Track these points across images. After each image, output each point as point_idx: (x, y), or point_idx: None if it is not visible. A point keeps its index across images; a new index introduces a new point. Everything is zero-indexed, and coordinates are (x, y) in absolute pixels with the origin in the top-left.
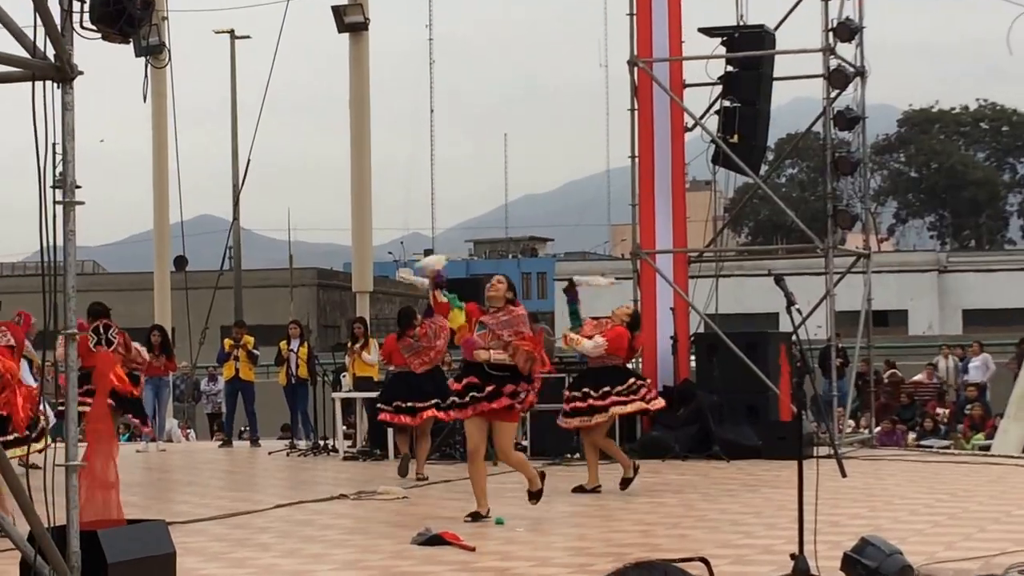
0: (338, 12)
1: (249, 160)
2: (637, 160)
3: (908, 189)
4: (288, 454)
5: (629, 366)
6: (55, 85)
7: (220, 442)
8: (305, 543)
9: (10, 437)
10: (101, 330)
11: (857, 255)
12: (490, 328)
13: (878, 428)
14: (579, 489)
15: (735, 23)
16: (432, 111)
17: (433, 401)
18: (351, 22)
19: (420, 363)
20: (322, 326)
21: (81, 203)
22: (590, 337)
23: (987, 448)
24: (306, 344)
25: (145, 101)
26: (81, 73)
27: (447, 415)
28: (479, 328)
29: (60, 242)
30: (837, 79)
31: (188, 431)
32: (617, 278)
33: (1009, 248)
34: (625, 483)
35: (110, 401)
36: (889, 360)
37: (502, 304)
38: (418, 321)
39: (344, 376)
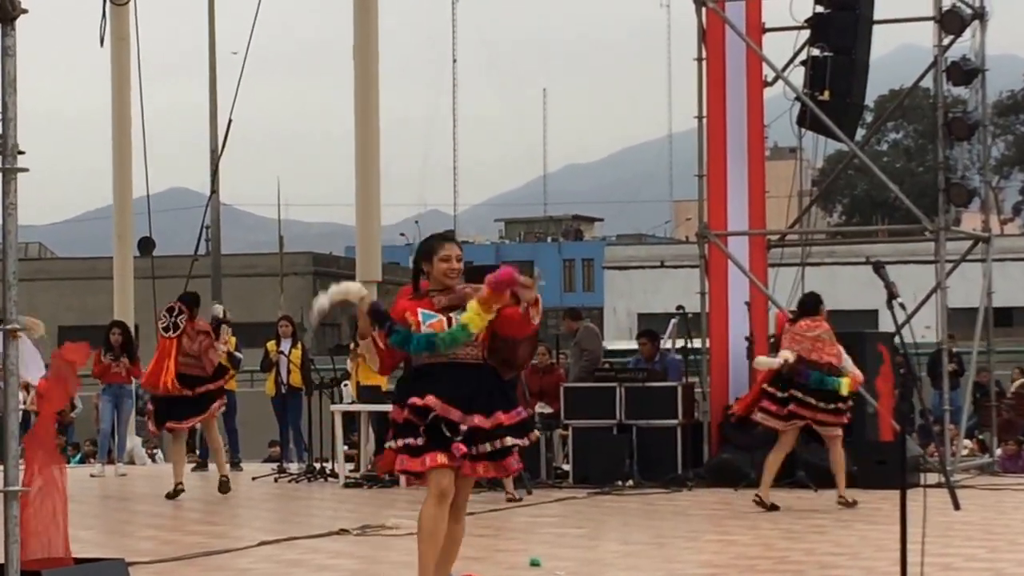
0: None
1: (230, 121)
2: (705, 122)
3: None
4: (277, 479)
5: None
6: None
7: (193, 465)
8: None
9: None
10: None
11: (975, 239)
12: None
13: (1000, 450)
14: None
15: None
16: (455, 61)
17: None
18: None
19: None
20: (319, 324)
21: (25, 170)
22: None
23: None
24: (300, 346)
25: (103, 46)
26: (25, 11)
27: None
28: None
29: None
30: (951, 22)
31: (154, 451)
32: (681, 265)
33: None
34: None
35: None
36: (1021, 367)
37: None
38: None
39: (346, 385)
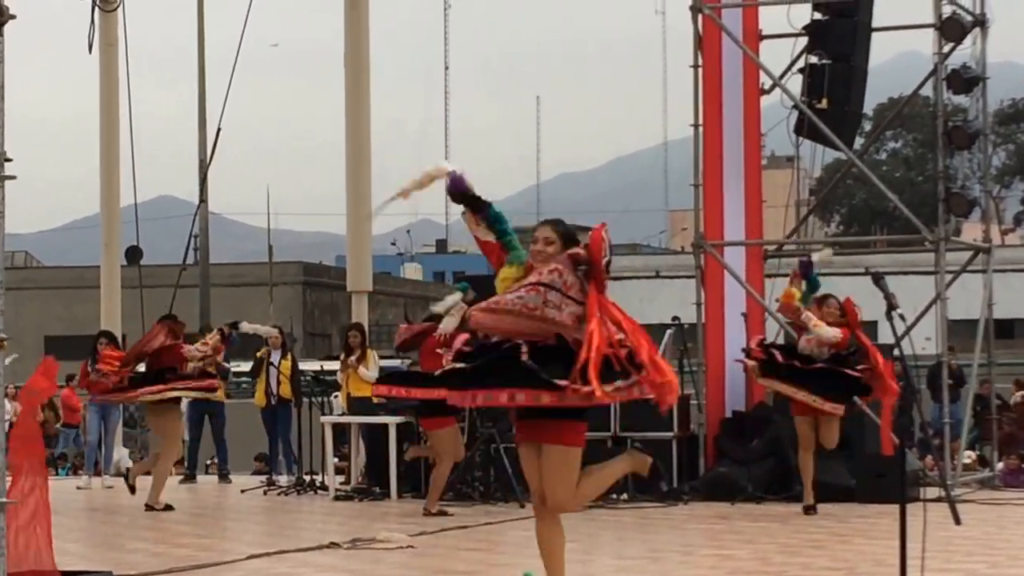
0: None
1: (220, 129)
2: (701, 130)
3: None
4: (266, 492)
5: None
6: None
7: (181, 477)
8: None
9: None
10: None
11: (976, 250)
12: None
13: (1001, 464)
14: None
15: None
16: (447, 68)
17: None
18: None
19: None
20: (309, 334)
21: (12, 178)
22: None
23: None
24: (290, 356)
25: (91, 52)
26: (13, 17)
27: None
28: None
29: None
30: (951, 30)
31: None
32: (677, 275)
33: None
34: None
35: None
36: (1020, 380)
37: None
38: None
39: (336, 396)
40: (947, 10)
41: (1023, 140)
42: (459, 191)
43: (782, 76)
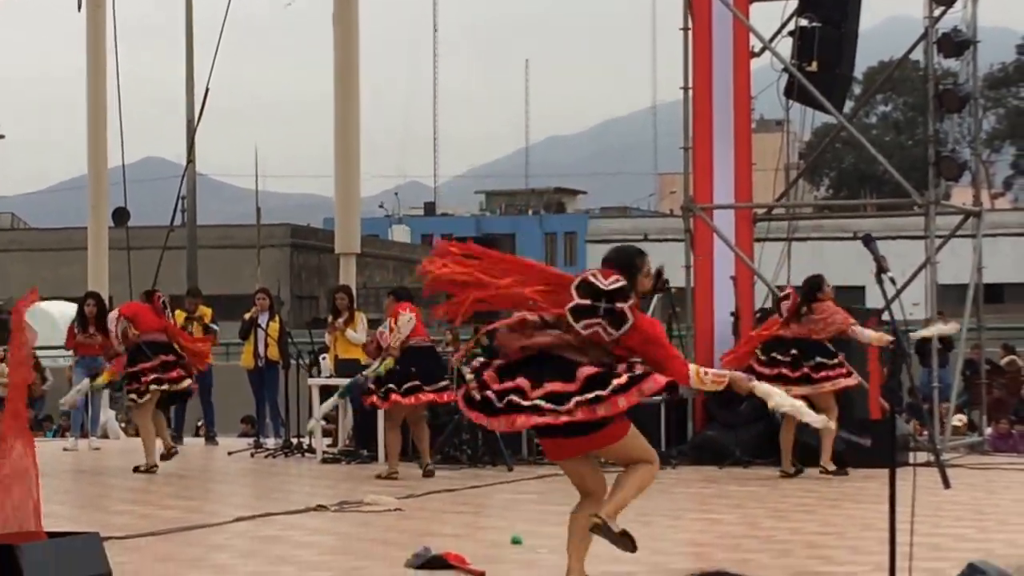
0: None
1: (208, 90)
2: (691, 93)
3: None
4: (253, 454)
5: None
6: None
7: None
8: (274, 565)
9: None
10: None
11: (966, 214)
12: None
13: (991, 429)
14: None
15: None
16: (435, 30)
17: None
18: None
19: None
20: (296, 297)
21: (0, 136)
22: None
23: None
24: (277, 318)
25: (80, 10)
26: None
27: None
28: None
29: None
30: None
31: (128, 424)
32: (665, 239)
33: None
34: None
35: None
36: (1007, 344)
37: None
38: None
39: (324, 358)
40: None
41: (1013, 104)
42: None
43: (772, 39)
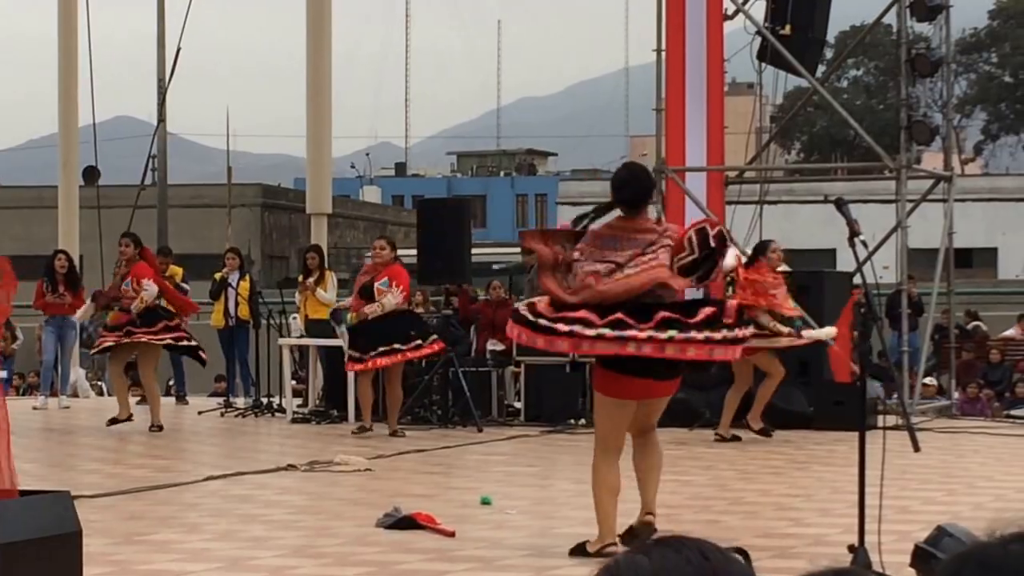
0: None
1: (179, 48)
2: (663, 55)
3: (1001, 98)
4: (223, 414)
5: None
6: None
7: (139, 398)
8: (244, 524)
9: None
10: None
11: (936, 178)
12: None
13: (958, 393)
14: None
15: None
16: None
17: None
18: None
19: None
20: (267, 256)
21: None
22: None
23: None
24: (248, 278)
25: None
26: None
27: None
28: None
29: None
30: None
31: (99, 383)
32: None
33: None
34: None
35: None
36: (970, 311)
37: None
38: None
39: (294, 318)
40: None
41: (985, 70)
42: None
43: (745, 2)
